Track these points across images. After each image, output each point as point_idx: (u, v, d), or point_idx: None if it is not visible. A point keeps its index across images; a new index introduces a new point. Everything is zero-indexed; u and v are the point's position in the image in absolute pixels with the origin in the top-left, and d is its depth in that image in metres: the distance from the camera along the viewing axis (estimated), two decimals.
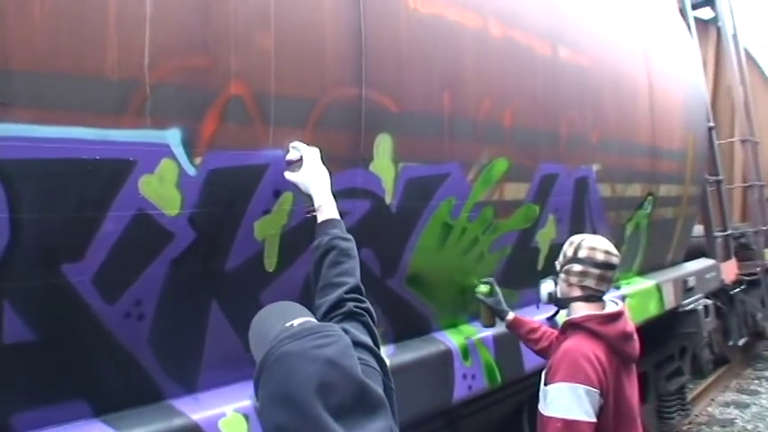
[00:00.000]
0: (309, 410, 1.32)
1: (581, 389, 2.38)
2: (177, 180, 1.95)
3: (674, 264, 5.69)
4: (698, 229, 6.46)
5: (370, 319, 1.84)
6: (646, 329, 4.45)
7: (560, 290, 2.74)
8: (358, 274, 1.96)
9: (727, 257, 6.70)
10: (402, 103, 2.63)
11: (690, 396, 6.54)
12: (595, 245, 2.64)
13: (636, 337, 2.64)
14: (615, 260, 2.65)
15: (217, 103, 2.02)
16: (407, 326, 2.96)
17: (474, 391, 3.10)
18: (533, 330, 3.07)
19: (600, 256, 2.61)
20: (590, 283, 2.61)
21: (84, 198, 1.78)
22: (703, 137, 5.87)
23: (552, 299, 2.83)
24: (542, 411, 2.50)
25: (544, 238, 3.65)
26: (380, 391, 1.49)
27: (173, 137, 1.92)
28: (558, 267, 2.75)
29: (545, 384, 2.53)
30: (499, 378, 3.25)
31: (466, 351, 3.08)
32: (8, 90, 1.62)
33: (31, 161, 1.67)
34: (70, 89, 1.72)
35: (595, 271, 2.61)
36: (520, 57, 3.30)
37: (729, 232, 6.91)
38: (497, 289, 3.20)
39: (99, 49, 1.76)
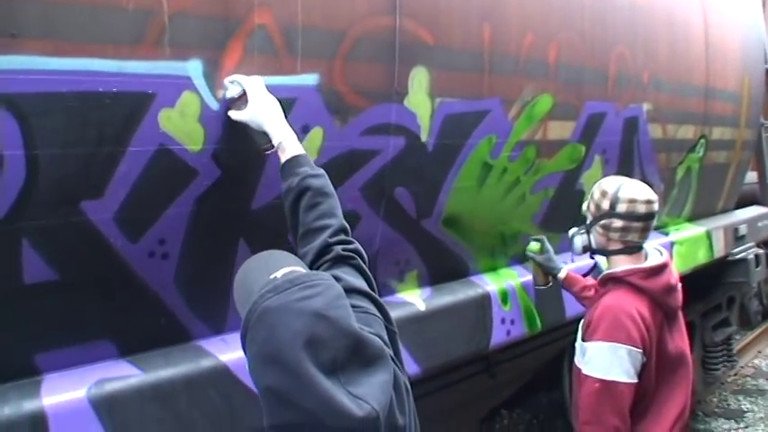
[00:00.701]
0: (298, 369, 1.20)
1: (622, 349, 2.27)
2: (199, 114, 1.87)
3: (724, 210, 5.49)
4: (751, 176, 6.22)
5: (361, 261, 1.70)
6: (693, 278, 4.33)
7: (596, 242, 2.56)
8: (339, 212, 1.79)
9: None
10: (439, 35, 2.49)
11: (736, 347, 6.40)
12: (635, 195, 2.44)
13: (679, 287, 2.51)
14: (656, 207, 2.47)
15: (240, 33, 1.91)
16: (444, 268, 2.88)
17: (513, 336, 3.03)
18: (587, 288, 2.92)
19: (641, 209, 2.43)
20: (633, 237, 2.46)
21: (103, 133, 1.70)
22: (760, 79, 5.61)
23: (588, 250, 2.64)
24: (579, 366, 2.41)
25: (590, 180, 3.49)
26: (379, 340, 1.38)
27: (194, 69, 1.83)
28: (588, 218, 2.57)
29: (583, 340, 2.43)
30: (539, 324, 3.17)
31: (505, 295, 3.00)
32: (18, 21, 1.54)
33: (45, 95, 1.60)
34: (83, 19, 1.63)
35: (638, 224, 2.44)
36: None
37: None
38: (548, 246, 3.06)
39: None
